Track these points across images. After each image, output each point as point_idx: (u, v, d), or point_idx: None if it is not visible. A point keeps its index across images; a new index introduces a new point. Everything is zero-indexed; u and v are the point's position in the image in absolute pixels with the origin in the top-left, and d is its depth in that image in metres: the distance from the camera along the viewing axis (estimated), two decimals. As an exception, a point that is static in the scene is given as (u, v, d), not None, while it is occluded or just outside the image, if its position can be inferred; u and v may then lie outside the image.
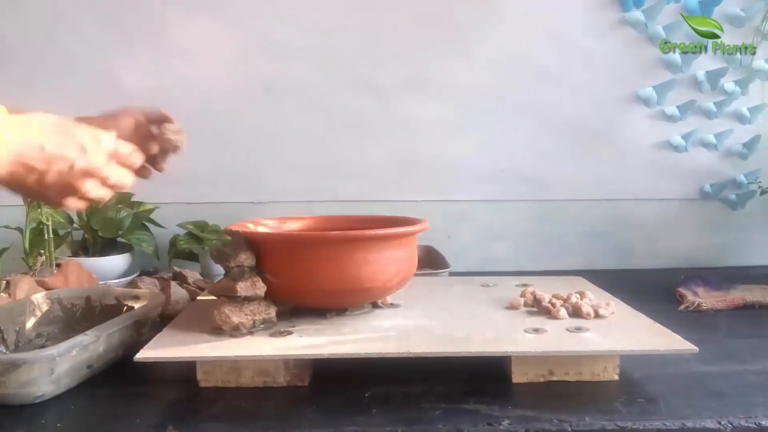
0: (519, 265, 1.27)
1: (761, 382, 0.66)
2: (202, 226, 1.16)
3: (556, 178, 1.29)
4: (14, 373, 0.59)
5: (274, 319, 0.71)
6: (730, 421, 0.56)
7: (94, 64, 1.21)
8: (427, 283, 0.92)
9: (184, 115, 1.27)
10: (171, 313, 0.84)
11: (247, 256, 0.69)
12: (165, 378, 0.66)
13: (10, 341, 0.74)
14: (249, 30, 1.22)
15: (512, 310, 0.78)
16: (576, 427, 0.55)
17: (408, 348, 0.62)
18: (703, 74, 1.26)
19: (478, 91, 1.25)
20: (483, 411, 0.58)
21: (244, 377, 0.64)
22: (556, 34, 1.24)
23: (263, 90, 1.23)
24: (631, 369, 0.67)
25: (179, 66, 1.22)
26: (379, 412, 0.58)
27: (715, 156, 1.30)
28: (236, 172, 1.25)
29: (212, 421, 0.57)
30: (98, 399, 0.63)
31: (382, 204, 1.24)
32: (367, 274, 0.70)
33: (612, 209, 1.30)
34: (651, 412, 0.58)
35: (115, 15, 1.20)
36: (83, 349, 0.64)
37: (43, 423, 0.57)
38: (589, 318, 0.73)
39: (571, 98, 1.26)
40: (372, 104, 1.25)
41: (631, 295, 0.83)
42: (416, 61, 1.24)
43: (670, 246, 1.31)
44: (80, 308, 0.82)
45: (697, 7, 1.23)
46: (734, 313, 0.94)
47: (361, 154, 1.26)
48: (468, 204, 1.28)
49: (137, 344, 0.67)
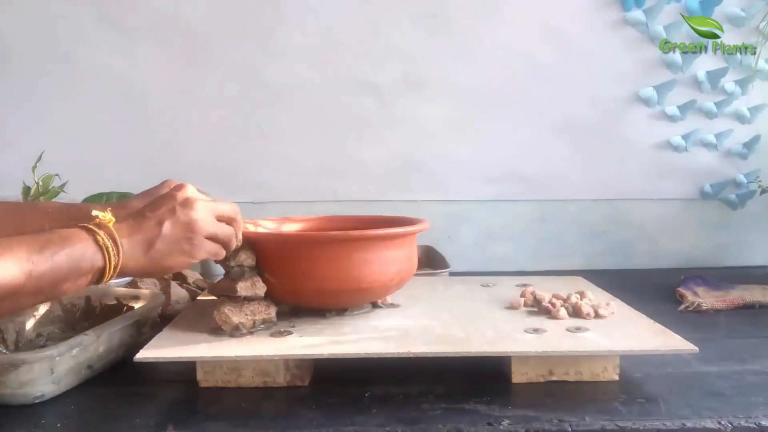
0: (519, 265, 1.26)
1: (761, 382, 0.66)
2: (202, 226, 1.16)
3: (556, 177, 1.28)
4: (14, 373, 0.59)
5: (274, 319, 0.71)
6: (729, 421, 0.56)
7: (94, 64, 1.21)
8: (427, 283, 0.92)
9: (184, 115, 1.28)
10: (171, 313, 0.84)
11: (247, 256, 0.69)
12: (165, 378, 0.66)
13: (10, 341, 0.74)
14: (250, 29, 1.22)
15: (512, 310, 0.78)
16: (576, 427, 0.55)
17: (408, 348, 0.62)
18: (703, 74, 1.26)
19: (478, 90, 1.25)
20: (483, 411, 0.58)
21: (244, 377, 0.64)
22: (556, 34, 1.24)
23: (263, 90, 1.23)
24: (631, 369, 0.67)
25: (179, 66, 1.22)
26: (379, 412, 0.58)
27: (716, 156, 1.30)
28: (236, 172, 1.25)
29: (212, 421, 0.57)
30: (98, 399, 0.63)
31: (382, 204, 1.24)
32: (367, 274, 0.70)
33: (612, 209, 1.30)
34: (651, 412, 0.58)
35: (115, 15, 1.20)
36: (83, 349, 0.64)
37: (43, 423, 0.57)
38: (589, 318, 0.73)
39: (571, 98, 1.26)
40: (372, 104, 1.25)
41: (631, 295, 0.83)
42: (416, 60, 1.24)
43: (670, 246, 1.31)
44: (80, 308, 0.82)
45: (697, 7, 1.23)
46: (734, 313, 0.94)
47: (361, 154, 1.26)
48: (468, 204, 1.28)
49: (137, 344, 0.67)
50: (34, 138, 1.18)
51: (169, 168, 1.24)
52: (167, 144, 1.24)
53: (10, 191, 1.04)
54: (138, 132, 1.23)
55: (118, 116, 1.23)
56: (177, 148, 1.24)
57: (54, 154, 1.00)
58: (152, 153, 1.23)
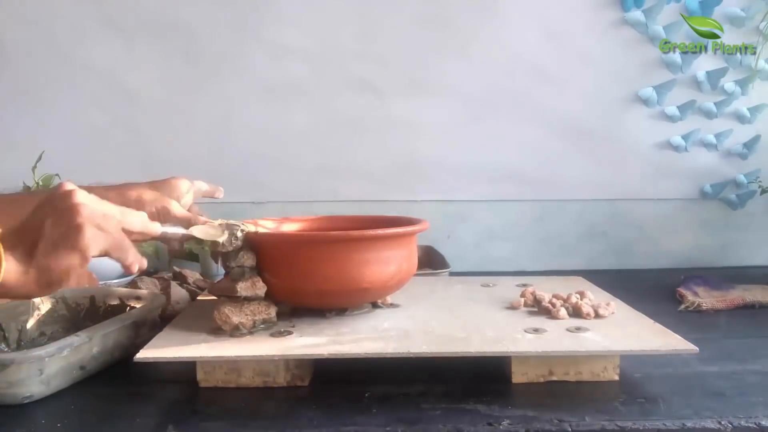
0: (519, 265, 1.27)
1: (761, 382, 0.65)
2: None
3: (556, 177, 1.29)
4: (2, 373, 0.59)
5: (274, 319, 0.71)
6: (730, 421, 0.56)
7: (93, 64, 1.21)
8: (427, 283, 0.92)
9: (184, 115, 1.28)
10: (171, 313, 0.85)
11: (247, 257, 0.69)
12: (165, 378, 0.66)
13: (11, 339, 0.74)
14: (249, 30, 1.22)
15: (512, 310, 0.78)
16: (576, 427, 0.55)
17: (408, 348, 0.62)
18: (703, 74, 1.26)
19: (478, 90, 1.25)
20: (483, 411, 0.58)
21: (244, 377, 0.64)
22: (556, 34, 1.24)
23: (263, 90, 1.23)
24: (631, 369, 0.67)
25: (179, 66, 1.22)
26: (379, 412, 0.58)
27: (715, 156, 1.30)
28: (236, 172, 1.25)
29: (212, 420, 0.57)
30: (98, 399, 0.63)
31: (382, 204, 1.24)
32: (366, 274, 0.70)
33: (612, 209, 1.30)
34: (651, 412, 0.58)
35: (115, 15, 1.20)
36: (75, 350, 0.64)
37: (43, 422, 0.57)
38: (589, 318, 0.73)
39: (571, 98, 1.26)
40: (372, 104, 1.25)
41: (631, 295, 0.83)
42: (416, 60, 1.24)
43: (670, 246, 1.31)
44: (85, 308, 0.82)
45: (697, 7, 1.23)
46: (734, 313, 0.94)
47: (361, 154, 1.26)
48: (468, 204, 1.28)
49: (136, 345, 0.67)
50: (34, 138, 1.18)
51: (169, 168, 1.24)
52: (167, 144, 1.24)
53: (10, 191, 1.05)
54: (138, 132, 1.23)
55: (118, 116, 1.23)
56: (177, 148, 1.24)
57: (54, 154, 1.00)
58: (152, 153, 1.23)
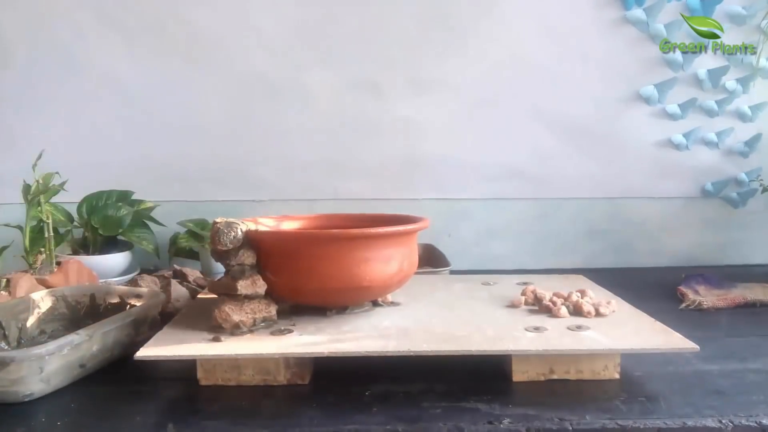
0: (520, 263, 1.26)
1: (762, 381, 0.65)
2: (202, 224, 1.16)
3: (556, 176, 1.28)
4: (2, 372, 0.59)
5: (275, 318, 0.71)
6: (730, 420, 0.56)
7: (94, 63, 1.21)
8: (427, 281, 0.92)
9: (184, 114, 1.28)
10: (171, 312, 0.84)
11: (247, 255, 0.69)
12: (165, 376, 0.66)
13: (12, 337, 0.74)
14: (249, 30, 1.22)
15: (513, 308, 0.78)
16: (576, 426, 0.55)
17: (408, 346, 0.62)
18: (704, 72, 1.26)
19: (479, 89, 1.25)
20: (483, 409, 0.58)
21: (245, 375, 0.64)
22: (556, 33, 1.24)
23: (264, 89, 1.23)
24: (632, 367, 0.67)
25: (179, 66, 1.22)
26: (380, 411, 0.58)
27: (717, 154, 1.30)
28: (237, 170, 1.25)
29: (212, 419, 0.57)
30: (98, 397, 0.63)
31: (383, 202, 1.24)
32: (367, 273, 0.70)
33: (613, 207, 1.30)
34: (652, 410, 0.58)
35: (115, 15, 1.20)
36: (75, 348, 0.64)
37: (43, 421, 0.57)
38: (589, 316, 0.73)
39: (572, 96, 1.26)
40: (372, 103, 1.25)
41: (632, 294, 0.83)
42: (416, 59, 1.24)
43: (671, 244, 1.31)
44: (85, 306, 0.82)
45: (698, 5, 1.23)
46: (735, 311, 0.94)
47: (362, 153, 1.26)
48: (468, 202, 1.28)
49: (135, 343, 0.67)
50: (34, 138, 1.18)
51: (169, 167, 1.24)
52: (167, 143, 1.24)
53: (10, 190, 1.05)
54: (138, 132, 1.23)
55: (119, 116, 1.23)
56: (177, 148, 1.24)
57: (54, 154, 1.00)
58: (152, 153, 1.23)
